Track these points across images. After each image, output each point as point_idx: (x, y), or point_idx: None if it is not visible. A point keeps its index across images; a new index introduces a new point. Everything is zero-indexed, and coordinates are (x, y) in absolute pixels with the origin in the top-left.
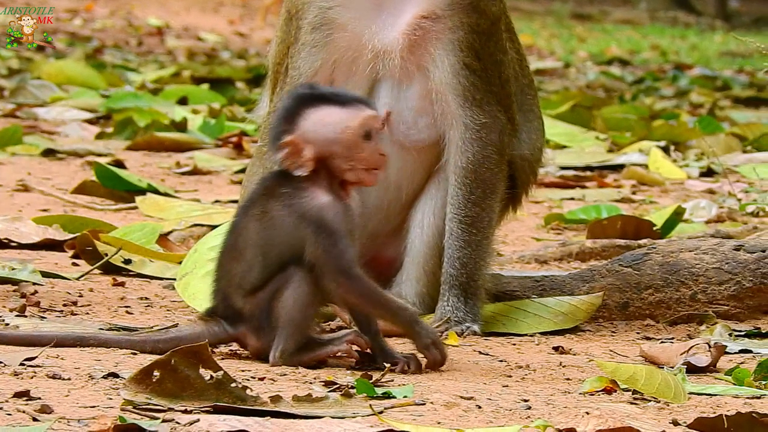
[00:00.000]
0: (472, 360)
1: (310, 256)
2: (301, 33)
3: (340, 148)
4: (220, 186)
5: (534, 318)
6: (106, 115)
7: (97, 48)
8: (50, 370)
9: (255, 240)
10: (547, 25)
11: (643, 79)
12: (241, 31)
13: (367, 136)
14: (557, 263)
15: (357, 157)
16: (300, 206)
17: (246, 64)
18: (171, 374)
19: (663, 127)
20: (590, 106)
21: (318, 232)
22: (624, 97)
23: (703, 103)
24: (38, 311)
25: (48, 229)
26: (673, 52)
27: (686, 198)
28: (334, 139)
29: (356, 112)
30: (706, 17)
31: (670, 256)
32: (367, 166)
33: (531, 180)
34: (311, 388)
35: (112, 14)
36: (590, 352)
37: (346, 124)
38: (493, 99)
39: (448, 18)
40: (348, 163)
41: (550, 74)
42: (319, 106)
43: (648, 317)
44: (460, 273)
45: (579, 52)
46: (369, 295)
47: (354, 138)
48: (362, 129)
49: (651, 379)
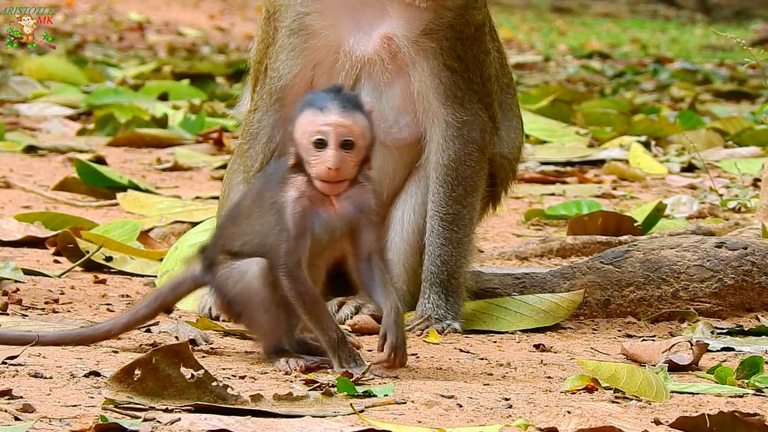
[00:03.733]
0: (453, 358)
1: (268, 246)
2: (278, 35)
3: (303, 152)
4: (201, 182)
5: (515, 315)
6: (87, 111)
7: (79, 44)
8: (32, 369)
9: (249, 213)
10: (527, 19)
11: (624, 72)
12: (221, 26)
13: (318, 144)
14: (538, 260)
15: (310, 163)
16: (278, 196)
17: (226, 59)
18: (152, 373)
19: (643, 122)
20: (570, 100)
21: (277, 223)
22: (604, 92)
23: (684, 97)
24: (20, 309)
25: (30, 226)
26: (654, 46)
27: (667, 194)
28: (297, 140)
29: (317, 117)
30: (686, 10)
31: (651, 253)
32: (316, 176)
33: (510, 178)
34: (292, 386)
35: (93, 9)
36: (571, 350)
37: (304, 128)
38: (474, 97)
39: (428, 29)
40: (309, 169)
41: (529, 68)
42: (305, 107)
43: (629, 315)
44: (440, 270)
45: (559, 46)
46: (304, 301)
47: (306, 143)
48: (312, 136)
49: (632, 377)
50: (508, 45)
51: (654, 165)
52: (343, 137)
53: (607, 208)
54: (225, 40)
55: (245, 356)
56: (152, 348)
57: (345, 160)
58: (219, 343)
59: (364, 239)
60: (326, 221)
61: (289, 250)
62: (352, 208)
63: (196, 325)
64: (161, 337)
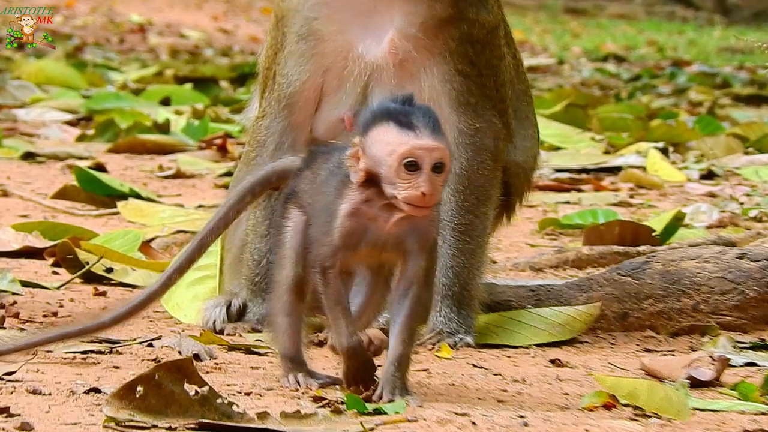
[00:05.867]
0: (466, 373)
1: (312, 237)
2: (287, 41)
3: (384, 171)
4: (204, 190)
5: (530, 329)
6: (86, 116)
7: (78, 46)
8: (30, 385)
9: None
10: (540, 21)
11: (640, 76)
12: (225, 28)
13: (410, 167)
14: (553, 271)
15: (396, 186)
16: (333, 202)
17: (230, 62)
18: (155, 390)
19: (661, 128)
20: (585, 105)
21: (324, 226)
22: (620, 96)
23: (703, 102)
24: (18, 323)
25: (27, 236)
26: (671, 48)
27: (686, 202)
28: (381, 159)
29: (410, 139)
30: (704, 11)
31: (670, 265)
32: (404, 199)
33: (525, 188)
34: (300, 403)
35: (93, 11)
36: (588, 365)
37: (393, 148)
38: (488, 103)
39: (437, 32)
40: (389, 189)
41: (543, 71)
42: (385, 120)
43: (648, 328)
44: (452, 283)
45: (573, 49)
46: (328, 297)
47: (393, 164)
48: (405, 158)
49: (652, 394)
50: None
51: (672, 172)
52: (436, 160)
53: (624, 216)
54: (229, 42)
55: (251, 372)
56: (155, 363)
57: (436, 183)
58: (224, 359)
59: (409, 266)
60: (374, 239)
61: (328, 255)
62: (406, 230)
63: (199, 339)
64: (164, 352)
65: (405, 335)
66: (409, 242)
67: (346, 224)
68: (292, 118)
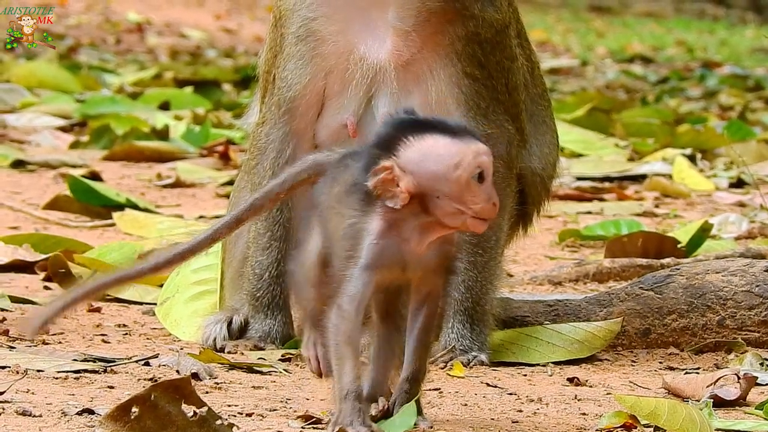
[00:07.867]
0: (480, 393)
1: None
2: (285, 43)
3: (448, 187)
4: (205, 200)
5: (547, 346)
6: (80, 122)
7: (72, 47)
8: (20, 406)
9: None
10: (563, 19)
11: (668, 78)
12: (228, 27)
13: (481, 178)
14: (572, 285)
15: (467, 201)
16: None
17: (233, 64)
18: (151, 411)
19: (689, 133)
20: (609, 109)
21: (350, 249)
22: (647, 99)
23: (734, 105)
24: (7, 340)
25: (18, 249)
26: (701, 49)
27: (714, 212)
28: (443, 175)
29: (471, 147)
30: (736, 9)
31: (695, 278)
32: (475, 214)
33: (543, 197)
34: (303, 425)
35: (88, 9)
36: (608, 384)
37: (459, 159)
38: (499, 108)
39: (442, 31)
40: (454, 206)
41: (565, 73)
42: (426, 133)
43: (671, 345)
44: (465, 297)
45: (597, 49)
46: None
47: (466, 178)
48: (476, 168)
49: (674, 414)
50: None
51: (700, 180)
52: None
53: (649, 227)
54: (232, 42)
55: (253, 392)
56: (151, 383)
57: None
58: (224, 378)
59: (427, 282)
60: (401, 260)
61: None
62: (435, 251)
63: (199, 357)
64: (161, 371)
65: (420, 351)
66: (431, 264)
67: (379, 242)
68: (293, 124)
